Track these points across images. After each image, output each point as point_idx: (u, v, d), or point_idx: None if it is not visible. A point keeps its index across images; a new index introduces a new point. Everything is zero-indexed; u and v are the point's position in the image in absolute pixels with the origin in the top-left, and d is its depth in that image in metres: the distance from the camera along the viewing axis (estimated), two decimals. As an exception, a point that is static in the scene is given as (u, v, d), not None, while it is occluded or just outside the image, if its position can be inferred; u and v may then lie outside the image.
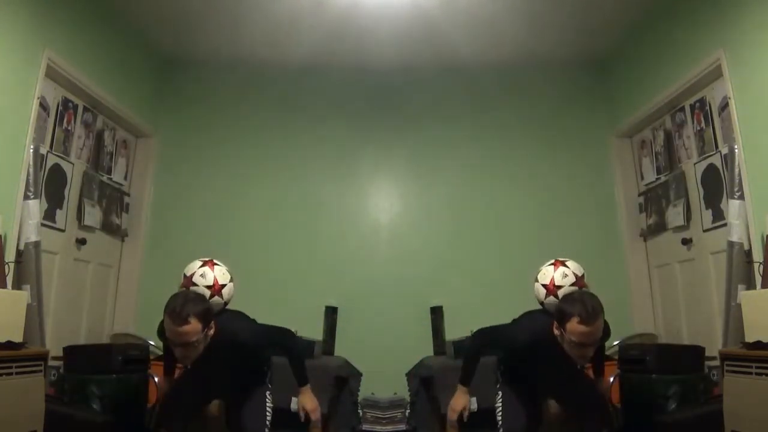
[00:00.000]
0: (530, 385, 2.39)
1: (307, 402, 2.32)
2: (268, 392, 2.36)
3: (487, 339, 2.42)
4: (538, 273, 2.42)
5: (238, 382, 2.37)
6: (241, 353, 2.31)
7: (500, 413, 2.27)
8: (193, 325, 2.06)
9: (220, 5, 3.46)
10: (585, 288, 2.33)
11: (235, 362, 2.31)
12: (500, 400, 2.28)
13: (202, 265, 2.37)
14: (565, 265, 2.37)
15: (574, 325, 2.07)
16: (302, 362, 2.38)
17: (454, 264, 3.98)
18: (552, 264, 2.40)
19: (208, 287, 2.30)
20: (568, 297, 2.21)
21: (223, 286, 2.34)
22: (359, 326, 3.77)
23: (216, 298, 2.30)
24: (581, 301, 2.10)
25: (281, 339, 2.40)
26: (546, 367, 2.27)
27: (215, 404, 2.31)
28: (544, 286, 2.35)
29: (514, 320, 2.45)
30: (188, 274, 2.35)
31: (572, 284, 2.31)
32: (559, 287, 2.31)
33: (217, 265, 2.39)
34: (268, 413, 2.31)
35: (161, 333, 2.23)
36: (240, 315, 2.42)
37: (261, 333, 2.35)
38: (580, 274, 2.36)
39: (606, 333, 2.30)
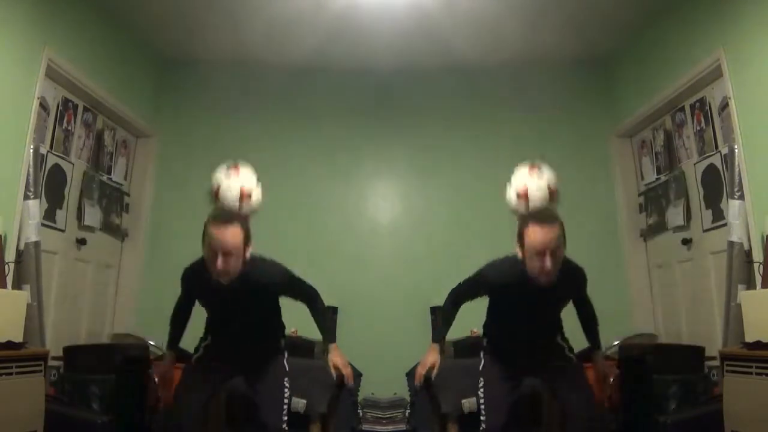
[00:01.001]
0: (510, 339, 2.35)
1: (337, 359, 2.32)
2: (286, 379, 2.31)
3: (461, 291, 2.45)
4: (512, 178, 2.47)
5: (259, 344, 2.34)
6: (270, 296, 2.33)
7: (483, 410, 2.28)
8: (237, 230, 2.12)
9: (220, 5, 3.46)
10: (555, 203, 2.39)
11: (262, 306, 2.30)
12: (482, 397, 2.28)
13: (227, 170, 2.43)
14: (540, 172, 2.43)
15: (530, 230, 2.11)
16: (326, 315, 2.43)
17: (454, 264, 3.97)
18: (528, 169, 2.44)
19: (236, 199, 2.38)
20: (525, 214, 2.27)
21: (251, 190, 2.41)
22: (359, 326, 3.77)
23: (245, 205, 2.36)
24: (537, 209, 2.21)
25: (310, 290, 2.44)
26: (521, 307, 2.24)
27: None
28: (517, 195, 2.40)
29: (487, 263, 2.45)
30: (215, 187, 2.43)
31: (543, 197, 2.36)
32: (526, 194, 2.38)
33: (242, 167, 2.44)
34: (285, 402, 2.28)
35: (186, 284, 2.33)
36: (267, 258, 2.41)
37: (289, 275, 2.38)
38: (554, 188, 2.42)
39: (580, 282, 2.35)
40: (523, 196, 2.34)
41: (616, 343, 3.30)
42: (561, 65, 4.22)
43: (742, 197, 2.71)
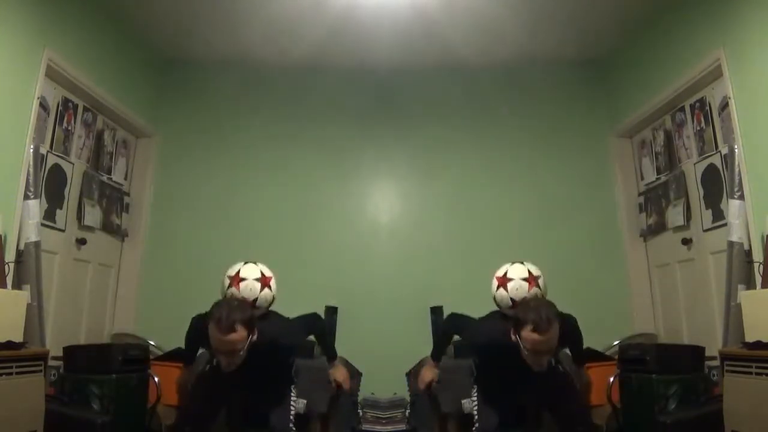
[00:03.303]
0: (501, 384, 2.43)
1: (337, 374, 2.49)
2: (293, 386, 2.40)
3: (454, 328, 2.64)
4: (495, 298, 2.54)
5: (271, 381, 2.41)
6: (282, 355, 2.39)
7: (476, 412, 2.31)
8: (240, 333, 2.11)
9: (220, 5, 3.46)
10: (540, 279, 2.44)
11: (273, 364, 2.36)
12: (476, 400, 2.32)
13: (257, 279, 2.46)
14: (509, 279, 2.48)
15: (528, 333, 2.14)
16: (331, 339, 2.56)
17: (454, 264, 3.98)
18: (499, 287, 2.51)
19: (258, 280, 2.43)
20: (524, 304, 2.28)
21: (271, 277, 2.48)
22: (359, 326, 3.77)
23: (266, 290, 2.43)
24: (536, 310, 2.16)
25: (314, 326, 2.59)
26: (507, 366, 2.30)
27: None
28: (496, 278, 2.50)
29: (480, 319, 2.56)
30: (233, 273, 2.45)
31: (523, 279, 2.42)
32: (510, 279, 2.44)
33: (269, 289, 2.49)
34: (292, 408, 2.33)
35: (194, 335, 2.33)
36: (278, 316, 2.51)
37: (298, 329, 2.49)
38: (526, 276, 2.45)
39: (573, 336, 2.41)
40: (502, 283, 2.46)
41: (616, 343, 3.31)
42: (561, 65, 4.22)
43: (742, 197, 2.71)
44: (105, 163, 3.72)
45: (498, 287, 2.50)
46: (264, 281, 2.46)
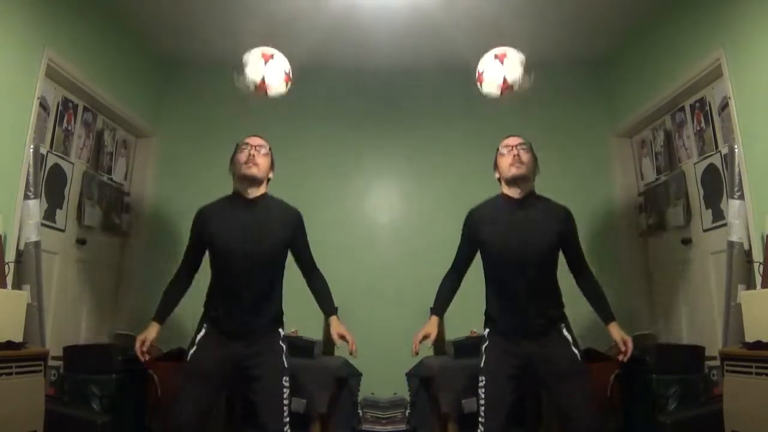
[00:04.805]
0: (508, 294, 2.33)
1: (340, 329, 2.43)
2: (285, 378, 2.28)
3: (454, 258, 2.57)
4: (482, 75, 2.61)
5: (262, 292, 2.34)
6: (281, 236, 2.38)
7: (482, 411, 2.26)
8: (265, 158, 2.37)
9: (220, 5, 3.46)
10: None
11: (271, 245, 2.34)
12: (483, 399, 2.27)
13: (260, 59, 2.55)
14: (507, 57, 2.57)
15: (502, 159, 2.38)
16: (328, 288, 2.52)
17: (454, 264, 3.98)
18: (496, 58, 2.56)
19: (254, 86, 2.53)
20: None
21: (268, 87, 2.53)
22: (359, 326, 3.74)
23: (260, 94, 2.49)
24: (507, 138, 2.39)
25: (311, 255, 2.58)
26: (509, 240, 2.28)
27: None
28: (498, 86, 2.56)
29: None
30: (258, 80, 2.53)
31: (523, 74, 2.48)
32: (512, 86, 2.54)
33: (274, 59, 2.54)
34: (285, 404, 2.26)
35: (205, 208, 2.40)
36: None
37: (300, 218, 2.55)
38: (523, 59, 2.54)
39: (572, 230, 2.37)
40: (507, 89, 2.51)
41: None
42: (561, 65, 4.22)
43: (742, 197, 2.71)
44: (105, 163, 3.72)
45: (495, 58, 2.61)
46: (259, 90, 2.58)
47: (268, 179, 2.43)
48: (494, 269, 2.38)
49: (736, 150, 2.77)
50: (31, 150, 2.76)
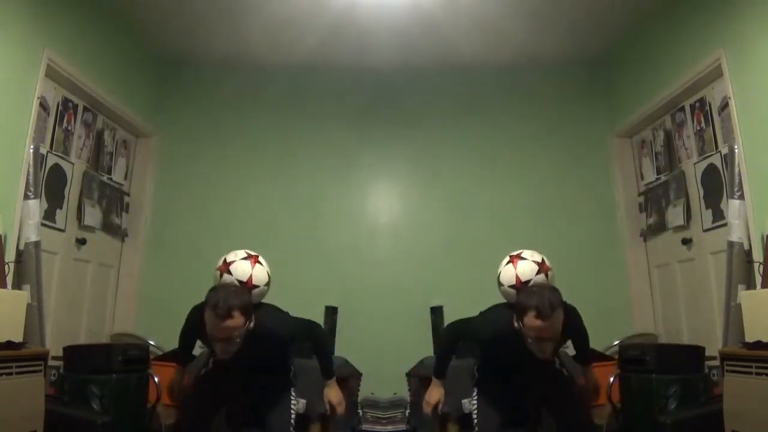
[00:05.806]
0: (503, 383, 2.38)
1: (332, 395, 2.36)
2: (292, 388, 2.33)
3: (456, 333, 2.46)
4: (499, 275, 2.40)
5: (269, 372, 2.35)
6: (278, 347, 2.32)
7: (476, 413, 2.28)
8: (236, 319, 2.06)
9: (220, 5, 3.46)
10: (550, 271, 2.33)
11: (270, 355, 2.30)
12: (476, 400, 2.28)
13: (245, 258, 2.35)
14: (522, 258, 2.36)
15: (530, 320, 2.07)
16: (329, 355, 2.42)
17: (454, 264, 3.98)
18: (509, 262, 2.39)
19: (245, 258, 2.33)
20: (526, 290, 2.19)
21: (256, 287, 2.32)
22: (359, 326, 3.77)
23: (257, 266, 2.34)
24: (539, 295, 2.09)
25: (312, 330, 2.43)
26: (512, 359, 2.26)
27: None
28: (512, 287, 2.33)
29: (482, 312, 2.45)
30: (228, 260, 2.34)
31: (537, 273, 2.30)
32: (527, 282, 2.29)
33: (260, 264, 2.37)
34: (292, 410, 2.29)
35: (191, 326, 2.26)
36: (275, 308, 2.41)
37: (295, 326, 2.36)
38: (539, 260, 2.35)
39: (576, 325, 2.31)
40: (521, 287, 2.30)
41: (616, 343, 3.31)
42: (561, 65, 4.22)
43: (742, 197, 2.71)
44: (105, 163, 3.72)
45: (507, 263, 2.39)
46: (252, 259, 2.35)
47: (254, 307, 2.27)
48: (493, 362, 2.44)
49: (736, 150, 2.77)
50: (31, 150, 2.76)
